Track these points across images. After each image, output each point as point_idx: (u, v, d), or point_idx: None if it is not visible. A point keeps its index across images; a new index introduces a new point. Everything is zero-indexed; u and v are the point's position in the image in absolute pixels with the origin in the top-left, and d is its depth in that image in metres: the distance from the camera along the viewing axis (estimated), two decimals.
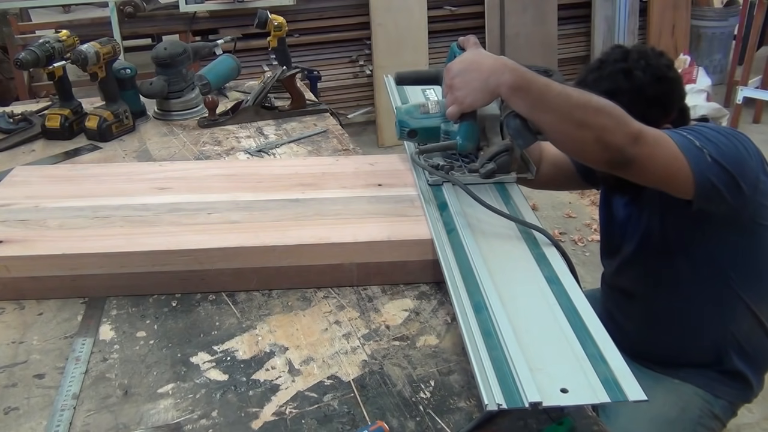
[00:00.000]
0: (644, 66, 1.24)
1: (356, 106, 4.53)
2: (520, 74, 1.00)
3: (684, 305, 1.35)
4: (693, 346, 1.38)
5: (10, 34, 3.88)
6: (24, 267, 1.03)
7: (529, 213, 1.10)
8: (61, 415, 0.81)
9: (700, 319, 1.34)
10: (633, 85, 1.23)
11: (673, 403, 1.36)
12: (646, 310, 1.42)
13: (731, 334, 1.34)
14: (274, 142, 1.72)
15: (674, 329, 1.38)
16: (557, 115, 1.00)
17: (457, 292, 0.90)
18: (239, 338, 0.95)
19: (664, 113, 1.27)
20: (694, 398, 1.36)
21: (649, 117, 1.08)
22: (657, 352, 1.43)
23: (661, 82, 1.25)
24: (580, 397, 0.72)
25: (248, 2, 3.87)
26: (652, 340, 1.42)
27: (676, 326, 1.38)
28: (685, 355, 1.39)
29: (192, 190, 1.25)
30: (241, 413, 0.81)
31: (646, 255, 1.36)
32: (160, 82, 1.85)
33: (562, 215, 3.40)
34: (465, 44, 1.14)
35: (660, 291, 1.37)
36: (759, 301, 1.33)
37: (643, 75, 1.24)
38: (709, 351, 1.36)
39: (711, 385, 1.37)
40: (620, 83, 1.23)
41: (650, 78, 1.24)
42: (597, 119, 0.99)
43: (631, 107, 1.02)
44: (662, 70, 1.26)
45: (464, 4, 4.44)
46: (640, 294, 1.42)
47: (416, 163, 1.20)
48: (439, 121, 1.20)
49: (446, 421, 0.79)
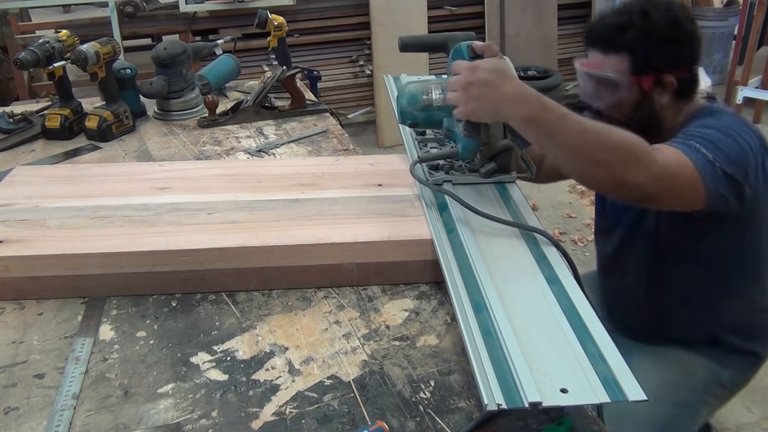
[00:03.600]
0: (664, 10, 1.22)
1: (356, 106, 4.53)
2: (535, 108, 0.97)
3: (678, 286, 1.34)
4: (689, 326, 1.37)
5: (10, 34, 3.88)
6: (24, 267, 1.03)
7: (529, 213, 1.10)
8: (61, 415, 0.81)
9: (695, 298, 1.33)
10: (646, 23, 1.20)
11: (679, 370, 1.35)
12: (638, 291, 1.41)
13: (727, 316, 1.33)
14: (274, 142, 1.72)
15: (670, 310, 1.38)
16: (571, 151, 0.98)
17: (457, 292, 0.90)
18: (239, 338, 0.95)
19: (671, 63, 1.23)
20: (699, 368, 1.35)
21: (652, 61, 1.04)
22: (654, 332, 1.42)
23: (675, 29, 1.22)
24: (580, 397, 0.72)
25: (248, 2, 3.87)
26: (647, 319, 1.41)
27: (671, 307, 1.37)
28: (683, 335, 1.39)
29: (192, 190, 1.25)
30: (241, 413, 0.81)
31: (639, 236, 1.35)
32: (160, 82, 1.85)
33: (562, 215, 3.40)
34: (486, 52, 1.09)
35: (653, 273, 1.36)
36: (754, 281, 1.33)
37: (659, 17, 1.21)
38: (705, 332, 1.36)
39: (716, 356, 1.36)
40: (634, 19, 1.21)
41: (666, 22, 1.21)
42: (616, 156, 0.97)
43: (637, 45, 0.98)
44: (681, 20, 1.23)
45: (464, 4, 4.44)
46: (632, 274, 1.42)
47: (416, 178, 1.18)
48: (442, 115, 1.19)
49: (446, 421, 0.79)
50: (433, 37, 1.30)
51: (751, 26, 4.25)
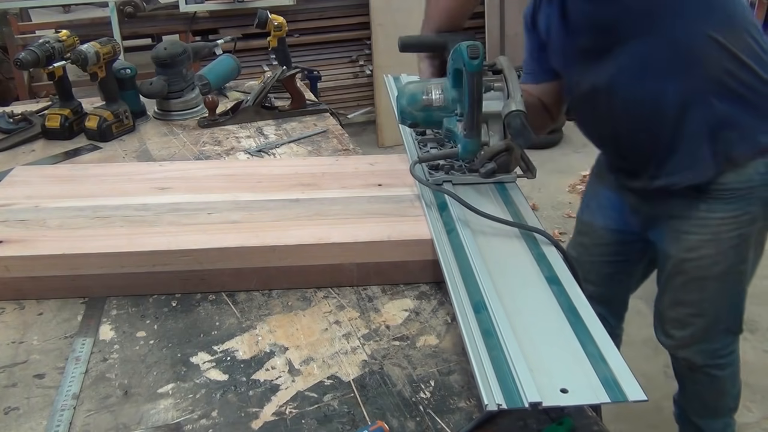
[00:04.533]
0: None
1: (356, 106, 4.54)
2: None
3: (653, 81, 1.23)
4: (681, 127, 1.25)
5: (10, 34, 3.88)
6: (24, 267, 1.03)
7: (529, 213, 1.10)
8: (61, 415, 0.81)
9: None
10: None
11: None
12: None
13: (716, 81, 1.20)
14: (274, 142, 1.72)
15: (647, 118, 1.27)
16: None
17: (457, 292, 0.90)
18: (239, 338, 0.95)
19: None
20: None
21: None
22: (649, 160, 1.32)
23: None
24: (580, 397, 0.72)
25: (248, 2, 3.87)
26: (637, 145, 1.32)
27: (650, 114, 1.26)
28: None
29: (192, 190, 1.25)
30: (241, 413, 0.81)
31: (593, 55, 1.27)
32: (160, 82, 1.85)
33: (562, 215, 3.40)
34: None
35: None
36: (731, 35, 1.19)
37: None
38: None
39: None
40: None
41: None
42: None
43: None
44: None
45: None
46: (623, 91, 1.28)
47: (416, 178, 1.18)
48: (442, 115, 1.19)
49: (446, 421, 0.79)
50: (432, 38, 1.30)
51: None
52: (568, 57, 1.34)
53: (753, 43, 1.20)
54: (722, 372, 1.50)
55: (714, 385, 1.53)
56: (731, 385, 1.56)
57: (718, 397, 1.58)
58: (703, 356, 1.48)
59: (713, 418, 1.61)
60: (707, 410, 1.61)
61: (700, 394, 1.59)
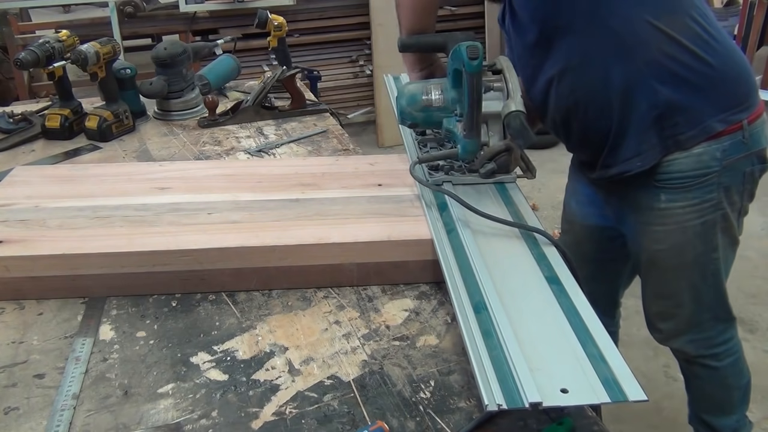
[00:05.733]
0: None
1: (356, 106, 4.53)
2: None
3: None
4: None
5: (10, 34, 3.88)
6: (24, 267, 1.03)
7: (529, 213, 1.10)
8: (61, 415, 0.81)
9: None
10: None
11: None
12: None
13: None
14: (274, 142, 1.72)
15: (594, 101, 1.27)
16: None
17: (457, 292, 0.90)
18: (239, 338, 0.95)
19: None
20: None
21: None
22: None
23: None
24: (580, 397, 0.72)
25: (248, 2, 3.87)
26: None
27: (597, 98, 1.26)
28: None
29: (192, 190, 1.25)
30: (241, 413, 0.81)
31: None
32: (160, 82, 1.85)
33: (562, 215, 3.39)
34: None
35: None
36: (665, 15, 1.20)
37: None
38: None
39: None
40: None
41: None
42: None
43: None
44: None
45: (464, 4, 4.44)
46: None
47: (416, 179, 1.18)
48: (442, 115, 1.19)
49: (446, 421, 0.79)
50: (432, 38, 1.29)
51: (751, 26, 4.26)
52: (521, 54, 1.36)
53: (696, 26, 1.21)
54: (720, 362, 1.49)
55: (715, 377, 1.52)
56: (735, 377, 1.54)
57: (723, 391, 1.56)
58: (696, 346, 1.47)
59: (723, 415, 1.59)
60: (715, 406, 1.59)
61: (703, 389, 1.58)
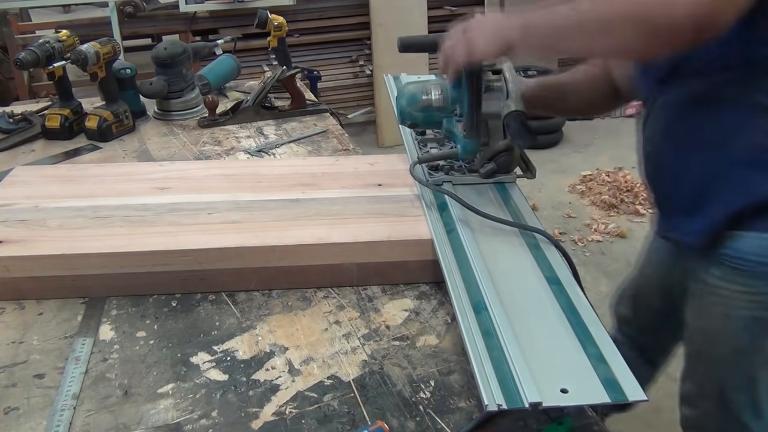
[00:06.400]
0: None
1: (356, 106, 4.53)
2: (529, 11, 0.92)
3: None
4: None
5: (10, 34, 3.88)
6: (24, 267, 1.03)
7: (529, 213, 1.10)
8: (61, 415, 0.81)
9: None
10: None
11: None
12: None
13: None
14: (274, 142, 1.72)
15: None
16: (590, 27, 0.87)
17: (457, 292, 0.90)
18: (239, 338, 0.95)
19: None
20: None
21: None
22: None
23: None
24: (580, 397, 0.72)
25: (248, 2, 3.87)
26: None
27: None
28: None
29: (192, 190, 1.25)
30: (241, 413, 0.81)
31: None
32: (160, 82, 1.85)
33: (562, 215, 3.40)
34: None
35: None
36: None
37: None
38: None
39: None
40: None
41: None
42: (629, 9, 0.82)
43: None
44: None
45: (464, 4, 4.43)
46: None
47: (416, 179, 1.17)
48: (442, 115, 1.19)
49: (446, 421, 0.79)
50: (432, 38, 1.29)
51: None
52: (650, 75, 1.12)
53: None
54: None
55: None
56: None
57: None
58: None
59: None
60: None
61: None
